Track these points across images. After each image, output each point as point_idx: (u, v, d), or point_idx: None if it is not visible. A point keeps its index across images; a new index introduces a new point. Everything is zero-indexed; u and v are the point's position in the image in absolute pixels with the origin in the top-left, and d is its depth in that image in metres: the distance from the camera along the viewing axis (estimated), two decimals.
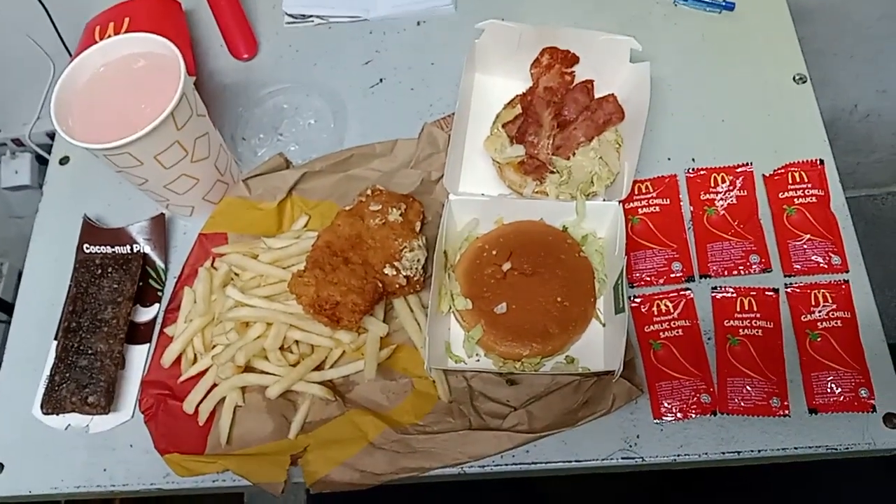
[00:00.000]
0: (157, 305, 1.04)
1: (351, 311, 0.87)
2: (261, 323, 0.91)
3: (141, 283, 1.04)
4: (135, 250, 1.07)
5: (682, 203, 1.02)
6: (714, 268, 0.97)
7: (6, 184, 1.84)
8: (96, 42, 1.00)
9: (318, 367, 0.91)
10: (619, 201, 0.94)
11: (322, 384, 0.89)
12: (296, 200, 1.02)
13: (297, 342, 0.91)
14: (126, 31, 1.12)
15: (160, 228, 1.07)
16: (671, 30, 1.18)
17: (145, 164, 0.90)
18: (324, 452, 0.88)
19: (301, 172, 1.01)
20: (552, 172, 0.98)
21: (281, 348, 0.91)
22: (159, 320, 1.03)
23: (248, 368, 0.90)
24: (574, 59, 1.04)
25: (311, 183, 1.02)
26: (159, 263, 1.06)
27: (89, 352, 0.97)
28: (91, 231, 1.09)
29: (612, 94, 1.00)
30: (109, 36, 1.11)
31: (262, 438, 0.88)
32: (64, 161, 1.19)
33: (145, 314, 1.04)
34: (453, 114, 1.05)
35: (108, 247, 1.07)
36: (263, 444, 0.88)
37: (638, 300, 0.96)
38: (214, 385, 0.92)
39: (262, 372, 0.89)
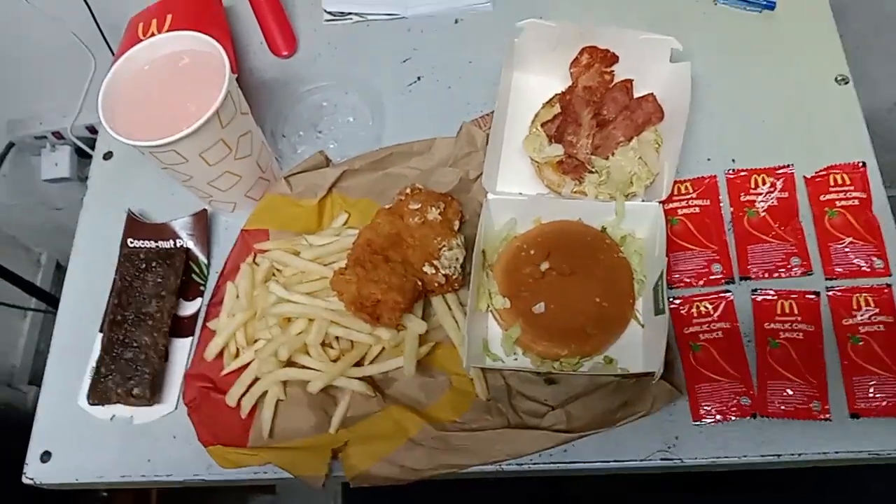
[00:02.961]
0: (199, 300, 1.06)
1: (391, 309, 0.88)
2: (303, 319, 0.92)
3: (184, 278, 1.05)
4: (178, 245, 1.08)
5: (721, 204, 1.02)
6: (754, 270, 0.97)
7: (46, 176, 1.87)
8: (140, 39, 1.02)
9: (358, 363, 0.91)
10: (660, 202, 0.93)
11: (362, 380, 0.89)
12: (336, 198, 1.03)
13: (337, 338, 0.91)
14: (169, 29, 1.13)
15: (203, 224, 1.09)
16: (711, 29, 1.17)
17: (190, 161, 0.90)
18: (364, 447, 0.89)
19: (341, 170, 1.02)
20: (591, 172, 0.97)
21: (322, 344, 0.92)
22: (202, 314, 1.04)
23: (289, 363, 0.89)
24: (613, 59, 1.03)
25: (351, 181, 1.03)
26: (202, 258, 1.08)
27: (134, 344, 0.99)
28: (135, 225, 1.10)
29: (652, 94, 0.99)
30: (153, 33, 1.13)
31: (304, 432, 0.89)
32: (108, 156, 1.21)
33: (188, 308, 1.05)
34: (491, 112, 1.05)
35: (152, 241, 1.09)
36: (305, 438, 0.88)
37: (677, 302, 0.96)
38: (256, 379, 0.94)
39: (304, 367, 0.89)
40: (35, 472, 0.97)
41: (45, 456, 0.97)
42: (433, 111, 1.11)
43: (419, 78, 1.19)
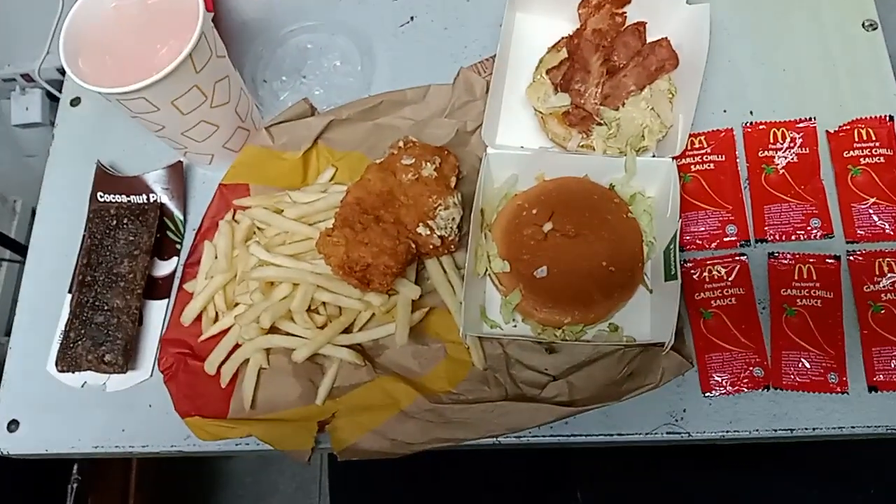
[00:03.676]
0: (175, 259, 0.99)
1: (382, 274, 0.82)
2: (287, 283, 0.85)
3: (158, 235, 0.98)
4: (151, 200, 1.01)
5: (738, 160, 0.94)
6: (771, 232, 0.91)
7: (16, 121, 1.77)
8: None
9: (347, 330, 0.86)
10: (673, 157, 0.87)
11: (351, 348, 0.85)
12: (322, 150, 0.96)
13: (324, 304, 0.86)
14: None
15: (178, 177, 1.01)
16: None
17: (162, 109, 0.83)
18: (353, 419, 0.84)
19: (327, 120, 0.95)
20: (599, 124, 0.91)
21: (308, 310, 0.86)
22: (178, 275, 0.97)
23: (272, 329, 0.85)
24: (625, 0, 0.95)
25: (338, 132, 0.96)
26: (177, 214, 1.01)
27: (105, 308, 0.92)
28: (105, 178, 1.03)
29: (666, 39, 0.93)
30: None
31: (288, 403, 0.85)
32: (75, 102, 1.12)
33: (163, 268, 0.99)
34: (491, 58, 0.97)
35: (124, 196, 1.01)
36: (289, 409, 0.84)
37: (688, 265, 0.90)
38: (237, 345, 0.88)
39: (288, 334, 0.84)
40: (2, 442, 0.91)
41: (13, 425, 0.92)
42: (428, 56, 1.04)
43: (412, 18, 1.10)
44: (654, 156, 0.90)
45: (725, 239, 0.90)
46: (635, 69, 0.93)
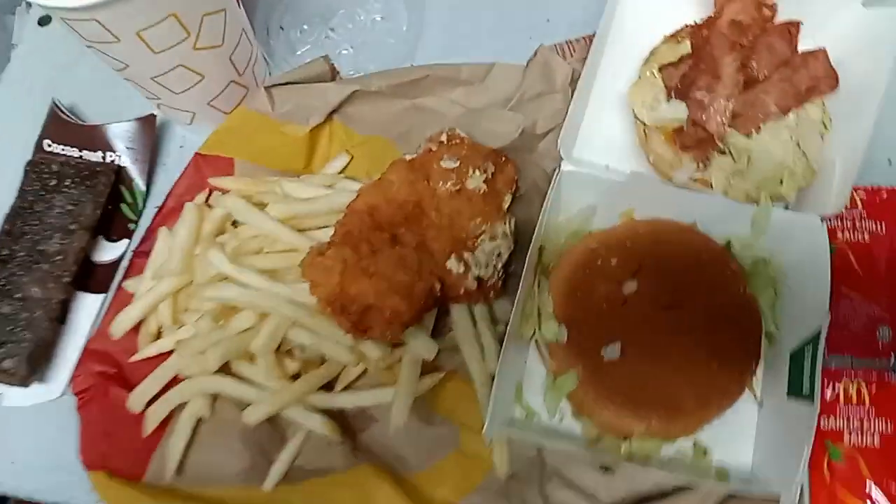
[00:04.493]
0: (126, 242, 0.79)
1: (387, 322, 0.60)
2: (252, 311, 0.61)
3: (109, 208, 0.79)
4: (108, 160, 0.81)
5: None
6: None
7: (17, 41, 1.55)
8: None
9: (327, 387, 0.66)
10: (823, 217, 0.66)
11: (327, 414, 0.64)
12: (337, 129, 0.77)
13: (301, 347, 0.65)
14: None
15: (148, 134, 0.82)
16: None
17: (124, 41, 0.65)
18: None
19: (350, 90, 0.76)
20: (723, 153, 0.71)
21: (277, 350, 0.65)
22: (125, 265, 0.76)
23: (225, 369, 0.65)
24: None
25: (363, 108, 0.77)
26: (138, 184, 0.81)
27: (17, 295, 0.72)
28: (58, 123, 0.84)
29: (823, 50, 0.73)
30: None
31: (227, 478, 0.64)
32: (44, 21, 0.92)
33: (108, 251, 0.79)
34: (586, 38, 0.77)
35: (76, 149, 0.82)
36: (226, 487, 0.64)
37: None
38: (176, 379, 0.66)
39: (245, 380, 0.65)
40: None
41: None
42: (497, 23, 0.85)
43: None
44: (786, 207, 0.70)
45: (874, 346, 0.67)
46: (780, 84, 0.72)
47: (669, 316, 0.64)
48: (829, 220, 0.72)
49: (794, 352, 0.61)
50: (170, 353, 0.69)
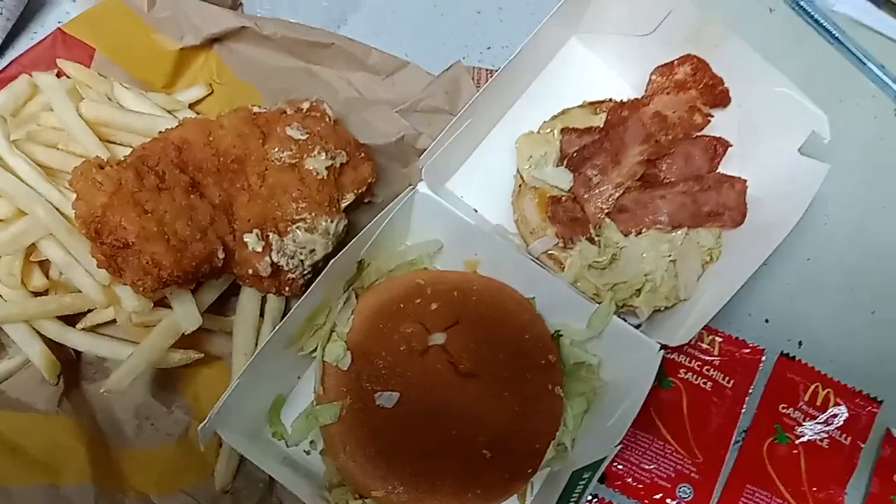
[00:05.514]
0: None
1: (142, 270, 0.49)
2: (9, 204, 0.52)
3: None
4: None
5: (747, 397, 0.66)
6: None
7: None
8: None
9: (68, 320, 0.57)
10: (664, 347, 0.60)
11: (53, 347, 0.55)
12: (211, 60, 0.69)
13: (51, 263, 0.55)
14: None
15: None
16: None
17: None
18: None
19: (241, 24, 0.67)
20: (590, 241, 0.65)
21: (27, 260, 0.55)
22: None
23: None
24: (723, 97, 0.69)
25: (250, 50, 0.69)
26: None
27: None
28: None
29: (743, 182, 0.68)
30: None
31: None
32: None
33: None
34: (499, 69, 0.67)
35: None
36: None
37: None
38: None
39: None
40: None
41: None
42: (436, 25, 0.77)
43: None
44: (638, 327, 0.63)
45: (670, 500, 0.59)
46: (682, 197, 0.67)
47: (464, 384, 0.55)
48: (675, 353, 0.66)
49: (575, 471, 0.54)
50: None
